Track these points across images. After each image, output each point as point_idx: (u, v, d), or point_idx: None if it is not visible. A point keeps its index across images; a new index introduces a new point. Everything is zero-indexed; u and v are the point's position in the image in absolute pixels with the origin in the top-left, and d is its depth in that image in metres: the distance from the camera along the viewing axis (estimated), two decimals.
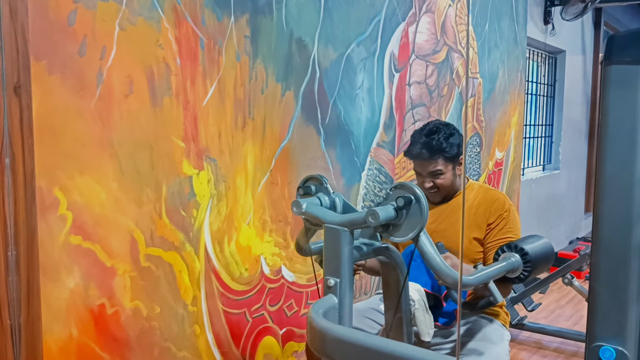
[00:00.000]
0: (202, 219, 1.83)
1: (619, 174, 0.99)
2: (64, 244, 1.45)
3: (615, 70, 0.98)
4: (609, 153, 1.00)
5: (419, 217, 1.29)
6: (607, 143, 1.00)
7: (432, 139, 1.91)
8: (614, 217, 1.00)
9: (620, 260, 1.02)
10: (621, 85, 0.98)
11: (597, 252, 1.04)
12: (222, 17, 1.83)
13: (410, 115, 2.89)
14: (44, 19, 1.37)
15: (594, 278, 1.06)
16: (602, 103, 1.01)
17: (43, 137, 1.39)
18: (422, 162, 1.94)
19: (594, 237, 1.05)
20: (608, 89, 0.99)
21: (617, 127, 0.99)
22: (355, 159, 2.52)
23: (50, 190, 1.41)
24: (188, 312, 1.80)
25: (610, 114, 1.00)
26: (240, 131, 1.93)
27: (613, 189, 0.99)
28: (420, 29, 2.90)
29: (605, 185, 1.00)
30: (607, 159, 1.00)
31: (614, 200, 0.99)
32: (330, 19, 2.27)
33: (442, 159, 1.92)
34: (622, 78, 0.97)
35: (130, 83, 1.58)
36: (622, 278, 1.02)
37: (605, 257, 1.03)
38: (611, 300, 1.04)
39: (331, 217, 1.36)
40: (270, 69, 2.02)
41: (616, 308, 1.03)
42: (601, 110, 1.02)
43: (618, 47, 0.98)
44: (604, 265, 1.04)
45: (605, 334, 1.04)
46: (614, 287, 1.03)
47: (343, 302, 1.32)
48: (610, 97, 1.00)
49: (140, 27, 1.59)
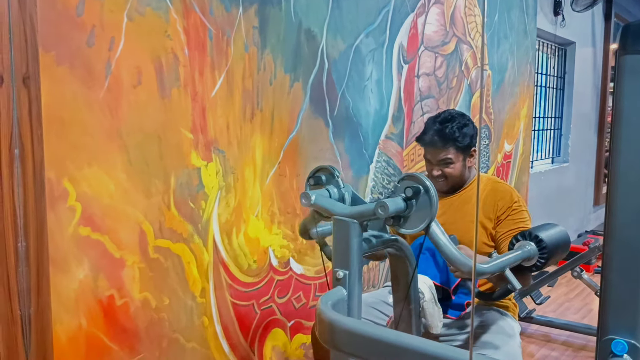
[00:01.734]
0: (211, 211, 1.83)
1: (633, 164, 0.98)
2: (73, 235, 1.45)
3: (631, 60, 0.96)
4: (623, 143, 0.98)
5: (428, 208, 1.28)
6: (622, 133, 0.98)
7: (446, 127, 1.90)
8: (628, 207, 0.98)
9: (634, 252, 1.00)
10: (636, 75, 0.96)
11: (610, 243, 1.03)
12: (230, 7, 1.82)
13: (419, 107, 2.87)
14: (52, 10, 1.37)
15: (606, 270, 1.05)
16: (616, 93, 0.99)
17: (52, 128, 1.38)
18: (433, 149, 1.93)
19: (607, 228, 1.03)
20: (623, 79, 0.98)
21: (631, 118, 0.97)
22: (363, 151, 2.50)
23: (59, 181, 1.41)
24: (197, 304, 1.80)
25: (625, 105, 0.98)
26: (249, 122, 1.93)
27: (627, 180, 0.98)
28: (429, 20, 2.88)
29: (619, 175, 0.99)
30: (622, 149, 0.98)
31: (628, 190, 0.98)
32: (339, 10, 2.26)
33: (453, 148, 1.91)
34: (638, 68, 0.96)
35: (138, 74, 1.57)
36: (636, 270, 1.01)
37: (619, 248, 1.02)
38: (624, 293, 1.03)
39: (340, 209, 1.35)
40: (279, 60, 2.01)
41: (629, 301, 1.02)
42: (615, 100, 1.00)
43: (633, 37, 0.96)
44: (617, 257, 1.02)
45: (618, 327, 1.03)
46: (628, 280, 1.02)
47: (352, 294, 1.32)
48: (624, 88, 0.98)
49: (148, 17, 1.58)
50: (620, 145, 1.01)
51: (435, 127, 1.91)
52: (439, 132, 1.90)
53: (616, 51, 1.02)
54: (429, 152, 1.96)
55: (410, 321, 1.50)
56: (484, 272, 1.42)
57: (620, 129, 1.01)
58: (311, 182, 1.48)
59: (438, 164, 1.94)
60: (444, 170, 1.94)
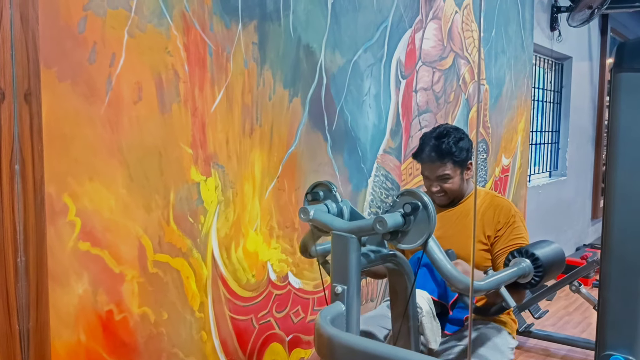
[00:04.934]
0: (210, 226, 1.83)
1: (629, 181, 0.99)
2: (73, 250, 1.45)
3: (626, 77, 0.98)
4: (619, 160, 0.99)
5: (426, 223, 1.29)
6: (618, 150, 0.99)
7: (442, 142, 1.90)
8: (624, 224, 0.99)
9: (631, 268, 1.01)
10: (632, 92, 0.98)
11: (607, 259, 1.04)
12: (230, 24, 1.84)
13: (417, 122, 2.89)
14: (54, 26, 1.38)
15: (604, 286, 1.06)
16: (612, 110, 1.01)
17: (53, 143, 1.39)
18: (430, 165, 1.94)
19: (604, 244, 1.04)
20: (618, 96, 0.99)
21: (627, 134, 0.99)
22: (362, 165, 2.52)
23: (59, 197, 1.42)
24: (195, 318, 1.80)
25: (621, 121, 0.99)
26: (248, 137, 1.94)
27: (623, 196, 0.99)
28: (427, 36, 2.91)
29: (616, 192, 1.00)
30: (618, 166, 1.00)
31: (624, 207, 0.99)
32: (337, 26, 2.28)
33: (450, 162, 1.91)
34: (633, 86, 0.97)
35: (139, 90, 1.59)
36: (633, 286, 1.02)
37: (616, 264, 1.02)
38: (622, 309, 1.03)
39: (339, 224, 1.36)
40: (278, 75, 2.03)
41: (627, 316, 1.03)
42: (610, 117, 1.01)
43: (629, 55, 0.98)
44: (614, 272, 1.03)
45: (616, 342, 1.03)
46: (625, 295, 1.02)
47: (351, 309, 1.32)
48: (620, 105, 0.99)
49: (149, 34, 1.60)
50: (616, 161, 1.02)
51: (432, 143, 1.92)
52: (436, 147, 1.91)
53: (611, 68, 1.03)
54: (426, 169, 1.96)
55: (408, 336, 1.50)
56: (480, 290, 1.43)
57: (617, 145, 1.02)
58: (309, 198, 1.49)
59: (436, 179, 1.94)
60: (442, 185, 1.95)
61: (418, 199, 1.29)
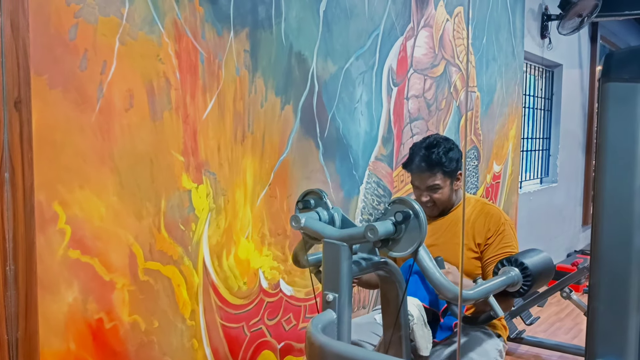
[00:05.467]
0: (201, 233, 1.83)
1: (617, 190, 1.00)
2: (63, 258, 1.44)
3: (614, 87, 0.99)
4: (607, 170, 1.00)
5: (417, 232, 1.30)
6: (606, 160, 1.00)
7: (432, 153, 1.91)
8: (613, 233, 1.00)
9: (620, 276, 1.02)
10: (619, 102, 0.99)
11: (596, 267, 1.04)
12: (222, 31, 1.84)
13: (409, 129, 2.90)
14: (45, 34, 1.38)
15: (593, 293, 1.06)
16: (600, 120, 1.02)
17: (43, 150, 1.39)
18: (420, 175, 1.94)
19: (593, 253, 1.05)
20: (606, 105, 1.00)
21: (615, 144, 0.99)
22: (353, 172, 2.52)
23: (49, 205, 1.41)
24: (186, 326, 1.79)
25: (609, 131, 1.00)
26: (240, 145, 1.94)
27: (612, 205, 1.00)
28: (419, 43, 2.92)
29: (604, 201, 1.00)
30: (606, 175, 1.00)
31: (613, 216, 0.99)
32: (329, 33, 2.29)
33: (440, 173, 1.92)
34: (620, 95, 0.98)
35: (130, 97, 1.58)
36: (622, 293, 1.02)
37: (605, 272, 1.03)
38: (611, 316, 1.04)
39: (330, 232, 1.36)
40: (270, 82, 2.03)
41: (616, 324, 1.03)
42: (599, 126, 1.02)
43: (616, 65, 0.99)
44: (604, 280, 1.04)
45: (605, 350, 1.04)
46: (614, 303, 1.03)
47: (342, 317, 1.32)
48: (608, 114, 1.00)
49: (140, 41, 1.60)
50: (605, 170, 1.03)
51: (422, 153, 1.93)
52: (426, 158, 1.92)
53: (599, 78, 1.04)
54: (416, 179, 1.97)
55: (400, 344, 1.50)
56: (469, 299, 1.44)
57: (605, 154, 1.03)
58: (300, 206, 1.49)
59: (426, 189, 1.95)
60: (432, 196, 1.95)
61: (409, 207, 1.30)
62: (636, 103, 0.98)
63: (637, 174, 0.98)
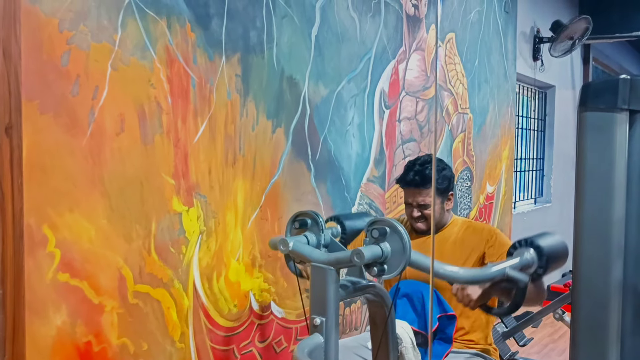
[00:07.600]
0: (191, 256, 1.83)
1: (596, 218, 1.01)
2: (52, 281, 1.45)
3: (591, 117, 1.01)
4: (586, 198, 1.02)
5: (400, 243, 1.28)
6: (585, 188, 1.02)
7: (426, 168, 1.96)
8: (592, 260, 1.01)
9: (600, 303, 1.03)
10: (596, 131, 1.01)
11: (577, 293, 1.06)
12: (213, 56, 1.87)
13: (401, 151, 2.92)
14: (37, 60, 1.40)
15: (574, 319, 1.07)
16: (578, 149, 1.04)
17: (33, 175, 1.40)
18: (413, 190, 1.98)
19: (574, 279, 1.06)
20: (584, 135, 1.02)
21: (593, 172, 1.01)
22: (345, 194, 2.54)
23: (39, 228, 1.42)
24: (176, 349, 1.79)
25: (587, 160, 1.02)
26: (231, 167, 1.95)
27: (591, 234, 1.01)
28: (410, 66, 2.96)
29: (583, 229, 1.02)
30: (585, 203, 1.02)
31: (591, 245, 1.01)
32: (321, 57, 2.32)
33: (432, 190, 1.96)
34: (597, 124, 1.00)
35: (121, 121, 1.60)
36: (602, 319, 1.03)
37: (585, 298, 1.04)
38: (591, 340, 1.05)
39: (317, 256, 1.37)
40: (261, 106, 2.06)
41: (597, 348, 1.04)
42: (577, 155, 1.04)
43: (593, 95, 1.01)
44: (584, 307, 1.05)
45: None
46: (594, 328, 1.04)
47: (329, 341, 1.32)
48: (586, 143, 1.02)
49: (132, 67, 1.62)
50: (583, 199, 1.05)
51: (416, 169, 1.98)
52: (420, 173, 1.96)
53: (577, 107, 1.07)
54: (409, 194, 2.01)
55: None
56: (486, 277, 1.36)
57: (583, 183, 1.05)
58: (296, 225, 1.49)
59: (418, 206, 1.99)
60: (423, 212, 1.99)
61: (386, 225, 1.29)
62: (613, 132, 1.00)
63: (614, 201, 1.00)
